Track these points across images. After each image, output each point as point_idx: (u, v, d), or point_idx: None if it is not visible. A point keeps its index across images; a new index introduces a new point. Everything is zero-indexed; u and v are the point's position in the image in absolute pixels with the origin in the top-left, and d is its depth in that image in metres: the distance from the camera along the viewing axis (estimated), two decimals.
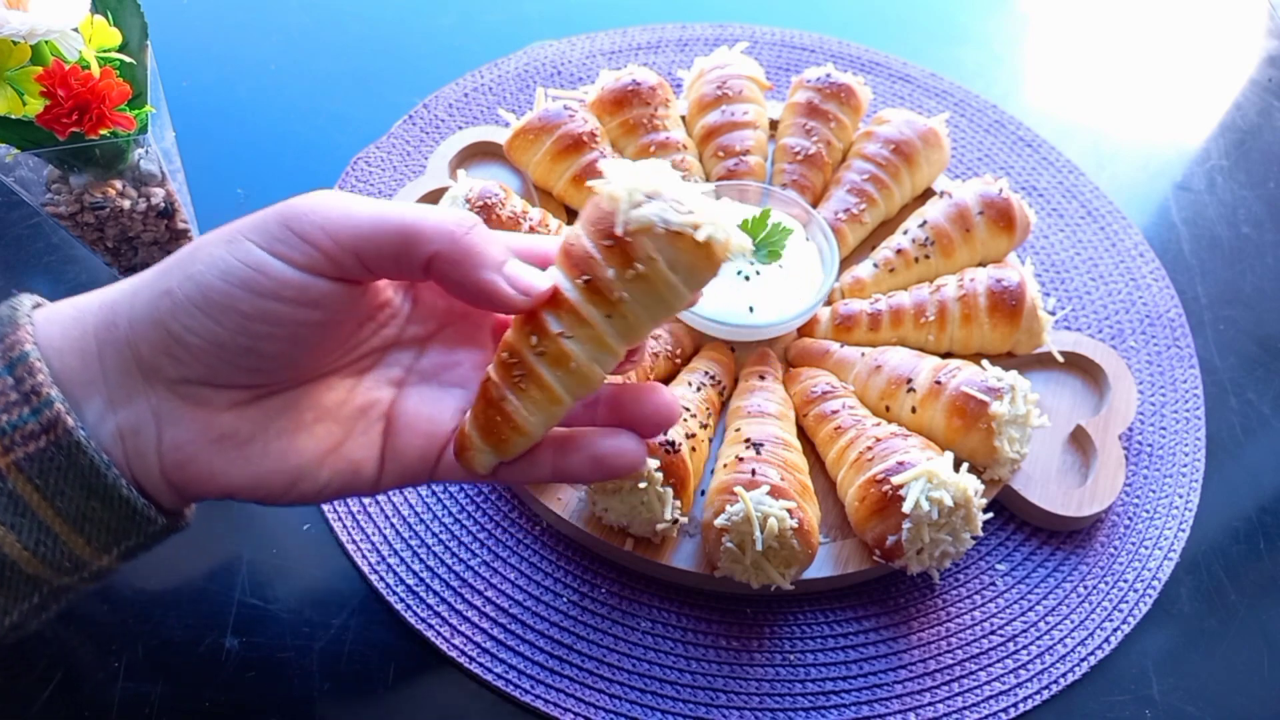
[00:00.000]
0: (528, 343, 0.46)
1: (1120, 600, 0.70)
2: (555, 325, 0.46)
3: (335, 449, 0.48)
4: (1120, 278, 0.89)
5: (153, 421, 0.44)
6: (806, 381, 0.76)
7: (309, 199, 0.44)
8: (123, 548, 0.45)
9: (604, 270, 0.44)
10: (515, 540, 0.70)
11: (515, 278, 0.45)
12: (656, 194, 0.44)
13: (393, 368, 0.51)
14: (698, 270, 0.45)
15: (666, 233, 0.43)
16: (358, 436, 0.49)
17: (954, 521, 0.64)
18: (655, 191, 0.44)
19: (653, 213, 0.43)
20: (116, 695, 0.62)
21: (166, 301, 0.42)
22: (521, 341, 0.47)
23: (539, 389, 0.47)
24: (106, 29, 0.67)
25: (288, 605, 0.66)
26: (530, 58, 1.03)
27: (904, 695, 0.65)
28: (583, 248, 0.45)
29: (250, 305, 0.42)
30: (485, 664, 0.64)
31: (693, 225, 0.43)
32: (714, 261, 0.45)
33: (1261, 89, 1.08)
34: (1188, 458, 0.77)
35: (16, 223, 0.86)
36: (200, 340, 0.43)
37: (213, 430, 0.45)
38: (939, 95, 1.04)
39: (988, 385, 0.69)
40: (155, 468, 0.44)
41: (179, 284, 0.42)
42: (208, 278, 0.42)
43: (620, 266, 0.44)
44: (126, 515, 0.44)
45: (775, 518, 0.61)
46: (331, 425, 0.48)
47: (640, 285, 0.44)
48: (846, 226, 0.84)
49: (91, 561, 0.44)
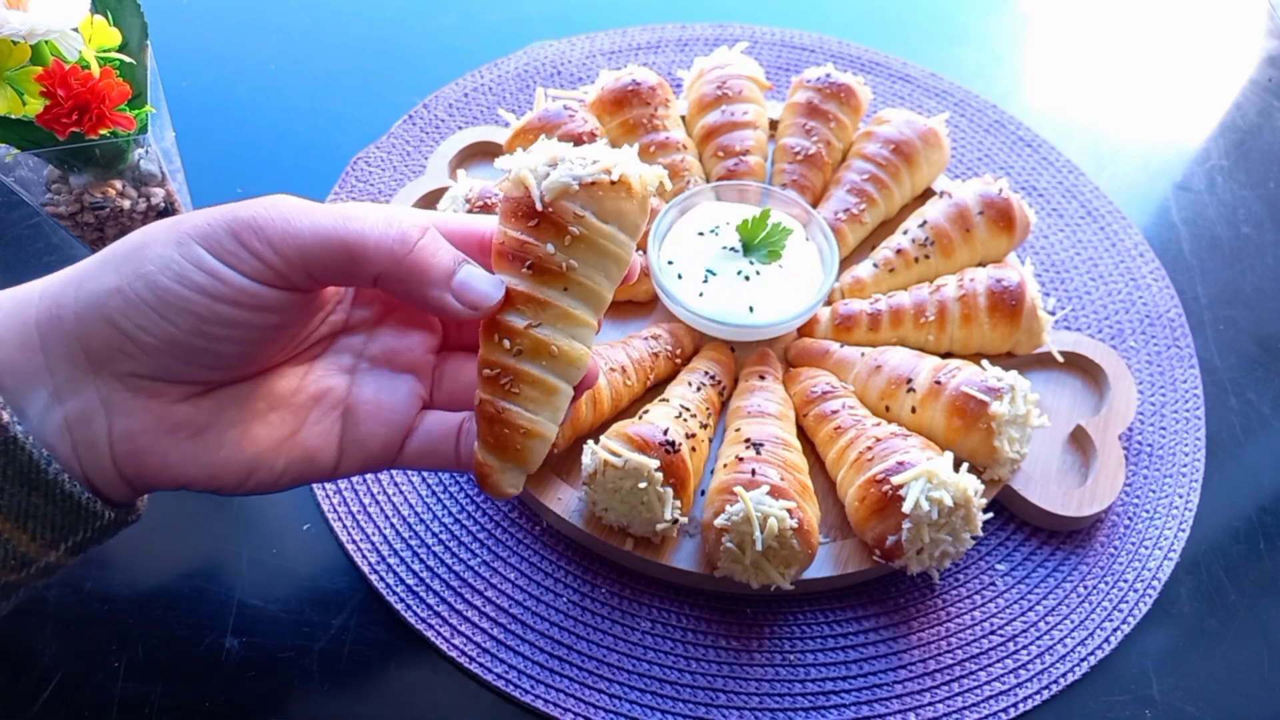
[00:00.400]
0: (502, 349, 0.47)
1: (1120, 600, 0.70)
2: (520, 320, 0.46)
3: (290, 437, 0.48)
4: (1120, 278, 0.89)
5: (103, 411, 0.43)
6: (806, 381, 0.76)
7: (253, 208, 0.43)
8: (70, 543, 0.44)
9: (542, 249, 0.45)
10: (515, 540, 0.70)
11: (465, 291, 0.46)
12: (557, 160, 0.45)
13: (342, 354, 0.51)
14: (627, 212, 0.46)
15: (583, 187, 0.45)
16: (312, 425, 0.49)
17: (954, 521, 0.64)
18: (555, 159, 0.45)
19: (563, 175, 0.45)
20: (116, 695, 0.62)
21: (118, 299, 0.42)
22: (495, 351, 0.47)
23: (531, 385, 0.47)
24: (106, 29, 0.67)
25: (288, 605, 0.66)
26: (530, 58, 1.03)
27: (904, 695, 0.65)
28: (513, 239, 0.46)
29: (206, 309, 0.42)
30: (485, 664, 0.64)
31: (604, 170, 0.45)
32: (637, 197, 0.46)
33: (1261, 89, 1.08)
34: (1188, 458, 0.77)
35: (16, 223, 0.86)
36: (154, 339, 0.42)
37: (166, 421, 0.44)
38: (939, 95, 1.04)
39: (988, 385, 0.69)
40: (107, 458, 0.44)
41: (129, 282, 0.42)
42: (161, 280, 0.42)
43: (556, 238, 0.45)
44: (71, 510, 0.43)
45: (775, 518, 0.61)
46: (285, 414, 0.48)
47: (581, 247, 0.46)
48: (846, 226, 0.84)
49: (39, 558, 0.44)
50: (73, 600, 0.65)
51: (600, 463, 0.64)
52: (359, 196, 0.90)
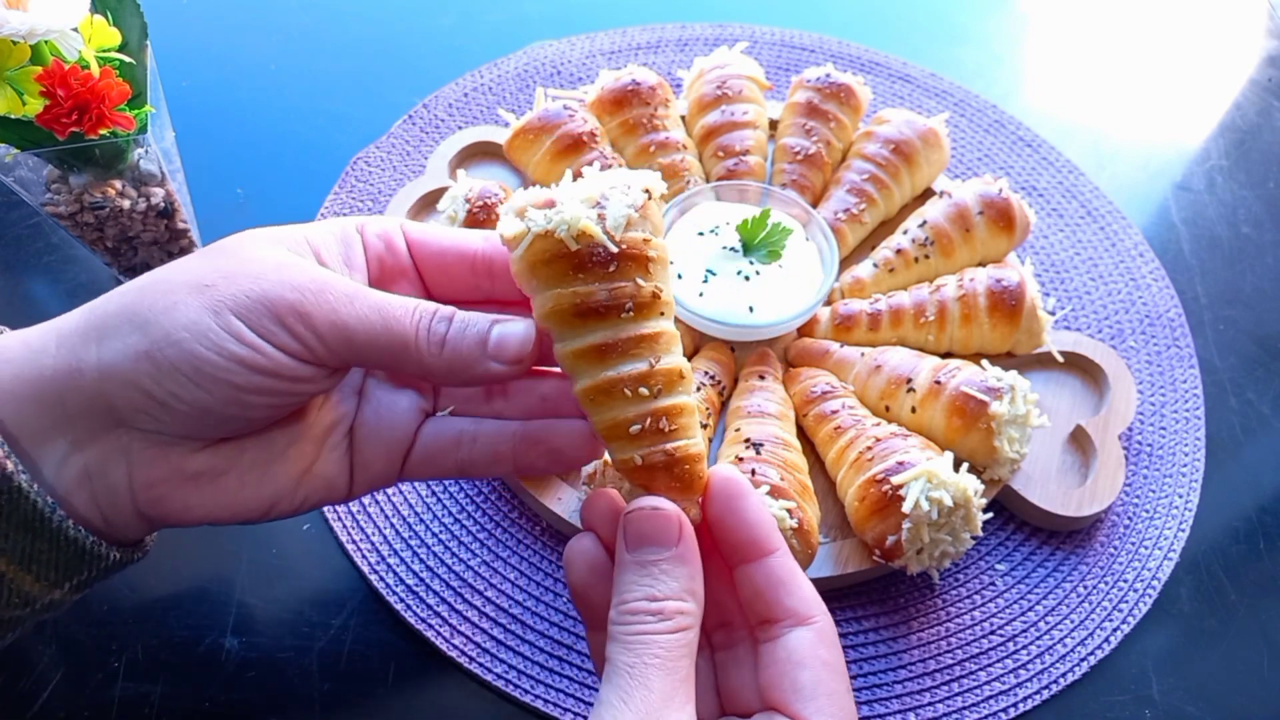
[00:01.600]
0: (641, 398, 0.43)
1: (1120, 600, 0.70)
2: (642, 364, 0.43)
3: (308, 470, 0.48)
4: (1120, 278, 0.89)
5: (123, 461, 0.43)
6: (806, 381, 0.76)
7: (295, 290, 0.42)
8: (75, 582, 0.44)
9: (634, 287, 0.43)
10: (515, 540, 0.70)
11: (500, 350, 0.44)
12: (597, 199, 0.43)
13: (353, 374, 0.50)
14: (659, 217, 0.45)
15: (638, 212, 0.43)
16: (328, 453, 0.48)
17: (954, 521, 0.64)
18: (592, 199, 0.43)
19: (620, 208, 0.42)
20: (116, 695, 0.62)
21: (148, 365, 0.40)
22: (635, 404, 0.43)
23: (681, 415, 0.44)
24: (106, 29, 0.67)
25: (288, 605, 0.66)
26: (530, 58, 1.03)
27: (904, 695, 0.65)
28: (595, 294, 0.42)
29: (246, 380, 0.41)
30: (485, 664, 0.64)
31: (644, 190, 0.44)
32: (652, 195, 0.44)
33: (1261, 89, 1.08)
34: (1187, 458, 0.77)
35: (16, 223, 0.86)
36: (186, 407, 0.41)
37: (186, 470, 0.44)
38: (939, 95, 1.04)
39: (987, 385, 0.69)
40: (128, 504, 0.44)
41: (159, 348, 0.40)
42: (197, 349, 0.40)
43: (640, 271, 0.43)
44: (76, 554, 0.43)
45: (775, 518, 0.61)
46: (303, 447, 0.48)
47: (658, 268, 0.44)
48: (846, 226, 0.84)
49: (42, 596, 0.43)
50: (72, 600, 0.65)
51: (600, 463, 0.64)
52: (359, 196, 0.90)
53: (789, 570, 0.44)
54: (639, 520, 0.43)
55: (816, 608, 0.44)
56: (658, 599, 0.41)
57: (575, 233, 0.42)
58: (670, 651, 0.40)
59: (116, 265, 0.79)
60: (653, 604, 0.41)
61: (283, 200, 0.90)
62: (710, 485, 0.45)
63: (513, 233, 0.43)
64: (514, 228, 0.43)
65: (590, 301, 0.42)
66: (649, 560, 0.42)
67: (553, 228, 0.42)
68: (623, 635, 0.40)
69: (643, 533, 0.42)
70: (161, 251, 0.80)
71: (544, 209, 0.42)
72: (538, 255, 0.42)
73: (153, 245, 0.78)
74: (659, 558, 0.42)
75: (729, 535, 0.44)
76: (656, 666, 0.39)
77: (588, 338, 0.43)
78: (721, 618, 0.46)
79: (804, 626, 0.43)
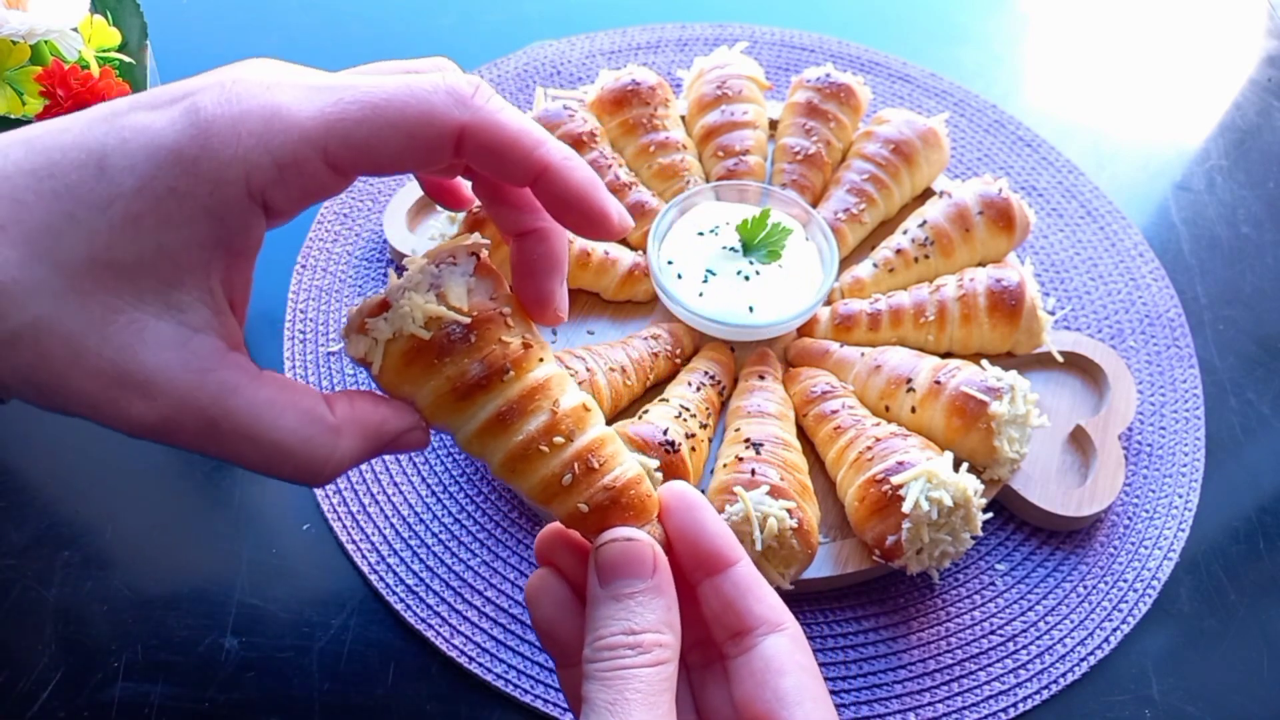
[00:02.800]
0: (558, 447, 0.42)
1: (1120, 600, 0.70)
2: (543, 415, 0.42)
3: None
4: (1120, 278, 0.89)
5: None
6: (806, 381, 0.76)
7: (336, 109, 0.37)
8: None
9: (491, 355, 0.41)
10: (515, 540, 0.70)
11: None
12: (388, 303, 0.41)
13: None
14: (488, 272, 0.43)
15: (461, 291, 0.41)
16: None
17: (953, 521, 0.64)
18: (385, 303, 0.41)
19: (458, 277, 0.41)
20: (116, 695, 0.62)
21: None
22: (554, 456, 0.42)
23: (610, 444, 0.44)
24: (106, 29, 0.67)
25: (288, 605, 0.66)
26: (530, 58, 1.03)
27: (904, 695, 0.65)
28: (455, 383, 0.41)
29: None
30: (485, 664, 0.64)
31: (469, 247, 0.43)
32: (481, 256, 0.43)
33: (1261, 89, 1.08)
34: (1187, 458, 0.77)
35: None
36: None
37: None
38: (939, 95, 1.04)
39: (987, 385, 0.69)
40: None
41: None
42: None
43: (484, 340, 0.41)
44: None
45: (775, 518, 0.61)
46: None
47: (498, 324, 0.42)
48: (846, 226, 0.84)
49: None
50: (72, 600, 0.65)
51: None
52: (360, 195, 0.89)
53: (755, 578, 0.43)
54: (612, 553, 0.41)
55: (786, 614, 0.43)
56: (635, 632, 0.39)
57: (423, 322, 0.40)
58: (651, 686, 0.38)
59: None
60: (630, 638, 0.39)
61: None
62: (665, 503, 0.44)
63: (364, 351, 0.41)
64: (362, 346, 0.41)
65: (468, 379, 0.41)
66: (624, 593, 0.40)
67: (400, 328, 0.40)
68: (601, 672, 0.39)
69: (616, 565, 0.41)
70: None
71: (383, 315, 0.41)
72: (398, 360, 0.41)
73: None
74: (634, 590, 0.40)
75: (690, 549, 0.43)
76: (638, 702, 0.38)
77: (481, 414, 0.42)
78: (696, 636, 0.45)
79: (778, 633, 0.42)
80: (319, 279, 0.84)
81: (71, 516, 0.69)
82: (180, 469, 0.73)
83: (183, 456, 0.73)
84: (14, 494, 0.70)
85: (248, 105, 0.36)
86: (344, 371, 0.78)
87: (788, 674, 0.41)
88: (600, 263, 0.80)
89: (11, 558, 0.67)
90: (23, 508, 0.69)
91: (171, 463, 0.73)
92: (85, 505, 0.70)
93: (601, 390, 0.71)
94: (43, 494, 0.70)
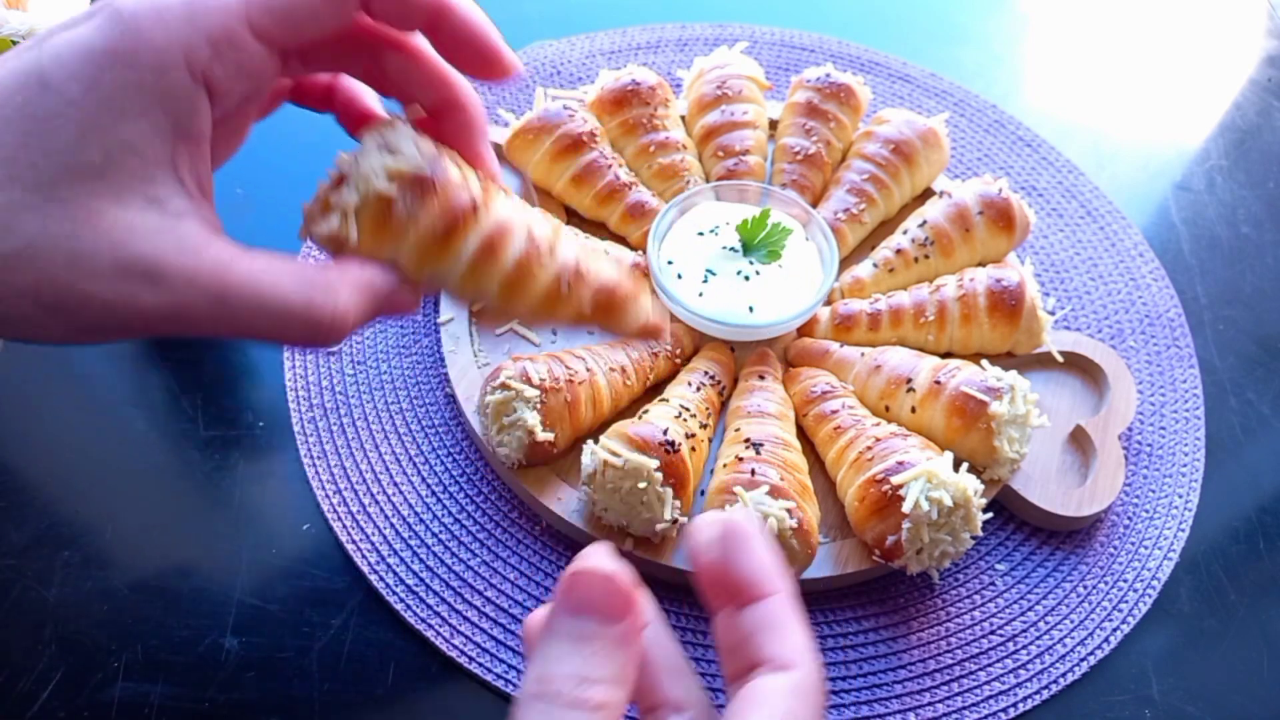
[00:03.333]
0: (547, 257, 0.45)
1: (1120, 600, 0.70)
2: (521, 239, 0.44)
3: None
4: (1120, 278, 0.89)
5: None
6: (806, 381, 0.76)
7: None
8: None
9: (459, 192, 0.42)
10: (515, 540, 0.70)
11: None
12: (343, 176, 0.42)
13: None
14: (418, 134, 0.44)
15: (411, 150, 0.42)
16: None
17: (953, 521, 0.64)
18: (340, 177, 0.42)
19: (378, 163, 0.42)
20: (116, 695, 0.62)
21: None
22: (546, 268, 0.45)
23: (595, 257, 0.47)
24: None
25: (287, 605, 0.66)
26: (530, 58, 1.03)
27: (904, 695, 0.65)
28: (437, 227, 0.42)
29: None
30: (485, 664, 0.64)
31: (389, 135, 0.43)
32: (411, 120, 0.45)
33: (1261, 89, 1.08)
34: (1187, 458, 0.77)
35: None
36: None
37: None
38: (939, 95, 1.04)
39: (987, 385, 0.69)
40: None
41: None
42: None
43: (448, 185, 0.42)
44: None
45: (775, 518, 0.61)
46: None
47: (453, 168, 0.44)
48: (846, 226, 0.84)
49: None
50: (72, 600, 0.65)
51: (600, 463, 0.64)
52: None
53: (786, 615, 0.37)
54: (586, 583, 0.36)
55: (802, 659, 0.35)
56: (587, 681, 0.34)
57: (390, 178, 0.41)
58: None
59: None
60: (578, 687, 0.34)
61: (283, 200, 0.89)
62: (722, 530, 0.39)
63: (334, 227, 0.41)
64: (332, 222, 0.41)
65: (449, 217, 0.42)
66: (587, 634, 0.35)
67: (367, 190, 0.41)
68: (534, 715, 0.34)
69: (587, 599, 0.35)
70: None
71: (342, 188, 0.42)
72: (371, 223, 0.41)
73: None
74: (599, 634, 0.35)
75: (731, 577, 0.38)
76: None
77: (466, 251, 0.43)
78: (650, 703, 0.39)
79: (780, 673, 0.35)
80: None
81: (71, 516, 0.69)
82: (180, 469, 0.73)
83: (183, 456, 0.73)
84: (14, 494, 0.70)
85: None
86: (343, 372, 0.78)
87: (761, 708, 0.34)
88: None
89: (11, 558, 0.67)
90: (23, 508, 0.69)
91: (171, 463, 0.73)
92: (85, 505, 0.70)
93: (601, 390, 0.71)
94: (43, 494, 0.70)
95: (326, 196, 0.42)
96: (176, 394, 0.76)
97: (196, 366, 0.78)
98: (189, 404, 0.76)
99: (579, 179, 0.84)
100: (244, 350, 0.80)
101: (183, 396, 0.76)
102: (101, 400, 0.76)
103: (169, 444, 0.74)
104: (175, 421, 0.75)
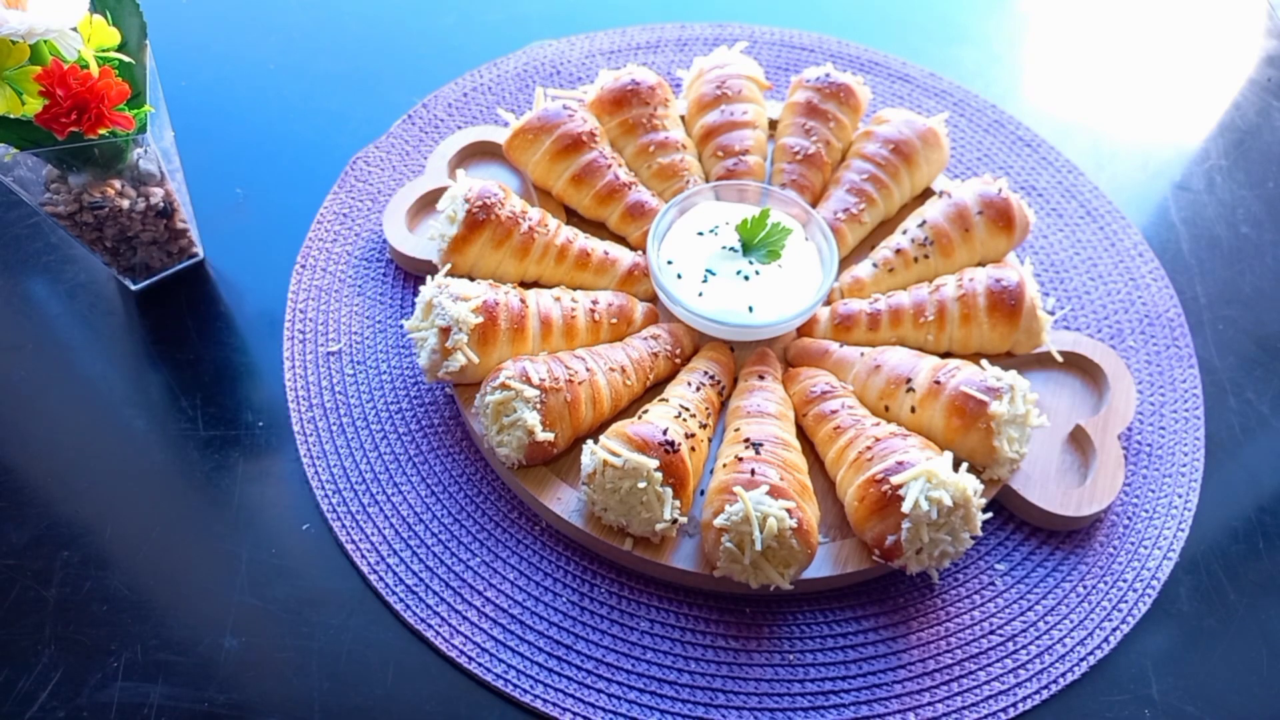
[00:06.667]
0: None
1: (1120, 600, 0.70)
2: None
3: None
4: (1120, 278, 0.89)
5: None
6: (806, 381, 0.76)
7: None
8: None
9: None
10: (515, 540, 0.70)
11: None
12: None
13: None
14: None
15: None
16: None
17: (953, 521, 0.64)
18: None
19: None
20: (116, 695, 0.62)
21: None
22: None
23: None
24: (105, 28, 0.67)
25: (288, 605, 0.66)
26: (530, 58, 1.03)
27: (903, 695, 0.65)
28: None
29: None
30: (485, 664, 0.64)
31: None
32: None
33: (1261, 89, 1.08)
34: (1187, 458, 0.77)
35: (15, 222, 0.86)
36: None
37: None
38: (938, 95, 1.04)
39: (987, 385, 0.69)
40: None
41: None
42: None
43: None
44: None
45: (774, 517, 0.61)
46: None
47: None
48: (846, 226, 0.84)
49: None
50: (72, 600, 0.65)
51: (600, 463, 0.64)
52: (358, 196, 0.89)
53: None
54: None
55: None
56: None
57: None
58: None
59: (115, 265, 0.79)
60: None
61: (282, 199, 0.90)
62: None
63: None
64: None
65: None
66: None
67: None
68: None
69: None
70: (161, 251, 0.80)
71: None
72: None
73: (152, 245, 0.78)
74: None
75: None
76: None
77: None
78: None
79: None
80: (319, 279, 0.84)
81: (71, 516, 0.69)
82: (180, 469, 0.73)
83: (183, 456, 0.73)
84: (14, 494, 0.70)
85: None
86: (343, 372, 0.78)
87: None
88: (600, 263, 0.80)
89: (11, 558, 0.67)
90: (23, 508, 0.69)
91: (171, 462, 0.73)
92: (85, 505, 0.70)
93: (601, 390, 0.71)
94: (43, 494, 0.70)
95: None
96: (176, 394, 0.76)
97: (196, 366, 0.78)
98: (189, 404, 0.76)
99: (579, 178, 0.84)
100: (244, 350, 0.80)
101: (183, 396, 0.76)
102: (101, 400, 0.76)
103: (169, 444, 0.74)
104: (175, 421, 0.75)
